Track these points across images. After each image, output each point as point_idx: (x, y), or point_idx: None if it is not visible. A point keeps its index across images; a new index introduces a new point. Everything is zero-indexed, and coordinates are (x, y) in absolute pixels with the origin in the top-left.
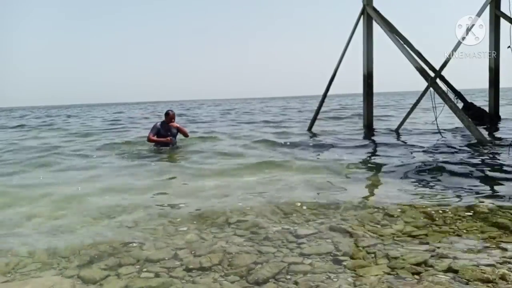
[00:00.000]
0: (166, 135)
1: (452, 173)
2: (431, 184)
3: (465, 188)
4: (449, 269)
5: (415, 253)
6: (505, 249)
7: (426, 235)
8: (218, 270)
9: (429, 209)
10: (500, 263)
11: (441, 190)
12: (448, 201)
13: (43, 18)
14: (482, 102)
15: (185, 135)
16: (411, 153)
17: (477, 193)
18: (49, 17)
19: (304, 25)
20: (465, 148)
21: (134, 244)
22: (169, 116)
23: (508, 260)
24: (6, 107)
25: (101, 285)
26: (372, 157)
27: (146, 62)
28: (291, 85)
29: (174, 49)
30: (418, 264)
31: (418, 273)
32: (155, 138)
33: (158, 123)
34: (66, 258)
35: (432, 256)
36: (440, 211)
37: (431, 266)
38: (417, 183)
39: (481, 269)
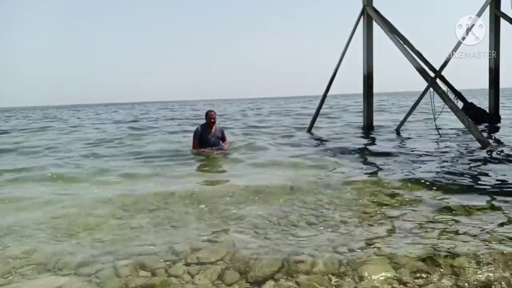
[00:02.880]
0: (208, 139)
1: (452, 174)
2: (431, 184)
3: (465, 188)
4: (451, 266)
5: (416, 249)
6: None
7: (426, 231)
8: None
9: (429, 208)
10: (500, 264)
11: (441, 190)
12: (448, 201)
13: (42, 18)
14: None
15: (228, 146)
16: (411, 153)
17: (477, 193)
18: (49, 17)
19: (304, 25)
20: (465, 148)
21: (135, 242)
22: (209, 117)
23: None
24: (6, 107)
25: (100, 282)
26: (372, 158)
27: (145, 62)
28: (291, 85)
29: (173, 48)
30: (420, 260)
31: (420, 270)
32: (198, 147)
33: (199, 127)
34: (66, 256)
35: (434, 254)
36: (440, 211)
37: (433, 262)
38: (416, 183)
39: (482, 271)
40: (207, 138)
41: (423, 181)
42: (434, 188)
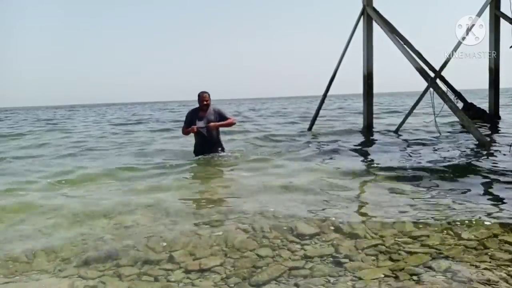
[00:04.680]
0: (200, 123)
1: (452, 174)
2: (431, 184)
3: (465, 189)
4: (449, 270)
5: (415, 255)
6: (506, 251)
7: (427, 236)
8: (219, 271)
9: (429, 209)
10: (501, 265)
11: (441, 190)
12: (449, 201)
13: (42, 18)
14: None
15: (227, 122)
16: (411, 153)
17: (477, 193)
18: (48, 16)
19: (305, 24)
20: (465, 148)
21: (132, 244)
22: (201, 99)
23: (508, 263)
24: (6, 107)
25: (102, 283)
26: (372, 158)
27: (145, 62)
28: (290, 85)
29: (173, 48)
30: (418, 266)
31: (418, 274)
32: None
33: (190, 110)
34: (66, 259)
35: (433, 258)
36: (440, 212)
37: (431, 267)
38: (416, 184)
39: (481, 271)
40: (199, 122)
41: (422, 180)
42: (433, 188)
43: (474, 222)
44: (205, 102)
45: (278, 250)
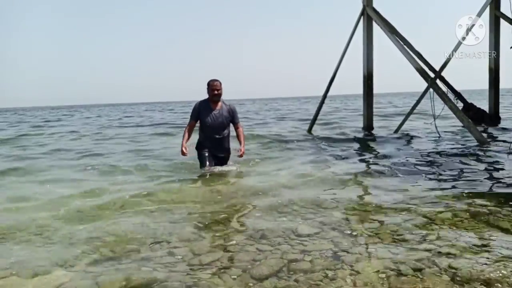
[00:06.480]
0: (210, 119)
1: (451, 174)
2: (430, 184)
3: (465, 189)
4: (449, 268)
5: (415, 251)
6: (505, 248)
7: (425, 234)
8: (218, 265)
9: (428, 209)
10: (499, 265)
11: (440, 190)
12: (448, 201)
13: (41, 18)
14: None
15: (242, 136)
16: (410, 154)
17: (477, 194)
18: (47, 17)
19: (305, 25)
20: (465, 149)
21: (135, 245)
22: (211, 87)
23: (507, 260)
24: (5, 107)
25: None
26: (371, 158)
27: (143, 63)
28: (290, 85)
29: (172, 48)
30: (418, 261)
31: (419, 270)
32: (189, 132)
33: (198, 103)
34: (70, 257)
35: (432, 255)
36: (439, 211)
37: (431, 265)
38: (415, 184)
39: (480, 270)
40: (209, 117)
41: (421, 181)
42: (433, 188)
43: (474, 222)
44: (216, 92)
45: (278, 246)
